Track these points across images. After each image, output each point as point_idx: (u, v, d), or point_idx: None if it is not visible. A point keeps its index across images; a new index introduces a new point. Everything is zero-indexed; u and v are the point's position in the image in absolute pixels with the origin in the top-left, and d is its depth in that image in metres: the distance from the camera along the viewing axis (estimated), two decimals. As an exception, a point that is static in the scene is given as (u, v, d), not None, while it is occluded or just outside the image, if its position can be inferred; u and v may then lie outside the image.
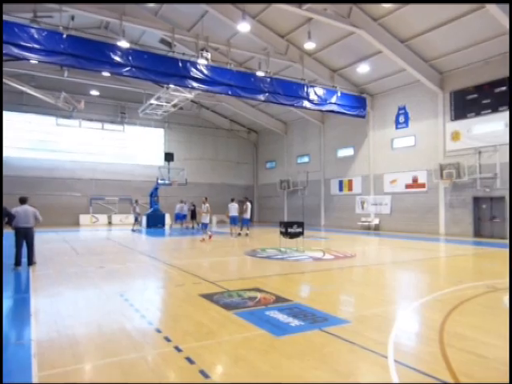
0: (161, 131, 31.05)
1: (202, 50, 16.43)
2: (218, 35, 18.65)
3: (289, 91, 18.64)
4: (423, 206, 20.34)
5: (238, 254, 12.24)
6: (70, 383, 3.35)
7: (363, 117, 21.87)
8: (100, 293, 6.86)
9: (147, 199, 26.53)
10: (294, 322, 4.88)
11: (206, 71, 16.40)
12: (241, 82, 17.25)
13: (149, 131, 30.48)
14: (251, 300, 6.08)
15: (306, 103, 19.21)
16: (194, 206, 24.17)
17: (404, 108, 21.29)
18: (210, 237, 16.32)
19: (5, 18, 13.43)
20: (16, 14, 14.30)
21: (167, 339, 4.34)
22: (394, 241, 16.68)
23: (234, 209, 17.85)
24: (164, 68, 15.67)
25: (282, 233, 12.27)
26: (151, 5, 17.78)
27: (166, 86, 21.13)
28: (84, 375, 3.56)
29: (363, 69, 20.29)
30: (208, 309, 5.65)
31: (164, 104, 24.39)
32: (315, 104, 19.53)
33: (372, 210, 23.31)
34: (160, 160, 29.03)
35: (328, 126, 26.86)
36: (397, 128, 21.77)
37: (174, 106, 24.67)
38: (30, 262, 9.34)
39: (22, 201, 9.23)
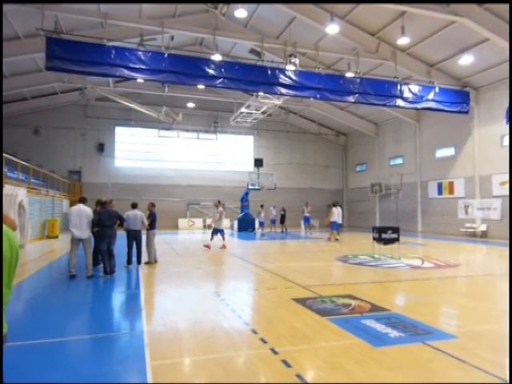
0: (250, 138, 32.09)
1: (290, 56, 16.60)
2: (305, 40, 18.69)
3: (380, 90, 17.83)
4: (544, 211, 17.66)
5: (328, 259, 12.02)
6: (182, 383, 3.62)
7: (466, 113, 19.89)
8: (199, 292, 7.31)
9: (238, 204, 27.58)
10: (393, 333, 4.62)
11: (294, 77, 16.54)
12: (329, 85, 17.02)
13: (239, 138, 31.75)
14: (345, 307, 5.92)
15: (399, 102, 18.17)
16: (284, 210, 24.48)
17: (517, 100, 18.82)
18: (208, 246, 14.56)
19: (117, 44, 15.26)
20: (126, 40, 16.12)
21: (263, 341, 4.44)
22: (506, 250, 14.78)
23: (337, 213, 17.47)
24: (254, 77, 16.21)
25: (375, 239, 11.73)
26: (241, 16, 18.51)
27: (255, 94, 21.81)
28: (190, 368, 3.82)
29: (466, 60, 18.48)
30: (301, 313, 5.65)
31: (253, 112, 25.18)
32: (410, 102, 18.36)
33: (478, 215, 21.00)
34: (250, 166, 29.99)
35: (424, 125, 25.01)
36: (507, 123, 19.32)
37: (263, 113, 25.31)
38: (139, 260, 10.35)
39: (133, 206, 10.30)
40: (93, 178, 27.39)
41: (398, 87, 18.00)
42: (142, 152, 29.37)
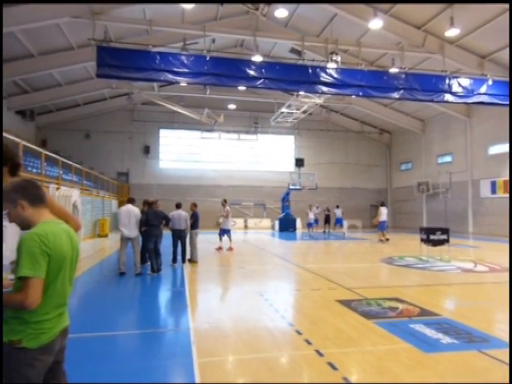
0: (291, 138, 31.96)
1: (332, 53, 16.33)
2: (347, 37, 18.31)
3: (427, 85, 17.05)
4: None
5: (373, 260, 11.70)
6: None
7: (523, 106, 18.55)
8: (242, 291, 7.39)
9: (279, 204, 27.56)
10: (445, 339, 4.41)
11: (335, 75, 16.24)
12: (372, 82, 16.54)
13: (280, 139, 31.72)
14: (392, 310, 5.73)
15: (447, 97, 17.28)
16: (328, 210, 24.19)
17: None
18: (220, 248, 13.97)
19: (162, 49, 15.79)
20: (170, 45, 16.63)
21: (307, 342, 4.41)
22: None
23: (385, 213, 16.97)
24: (294, 76, 16.10)
25: (423, 240, 11.25)
26: (281, 16, 18.48)
27: (296, 93, 21.69)
28: (235, 367, 3.87)
29: (522, 50, 17.24)
30: (346, 315, 5.54)
31: (294, 111, 25.05)
32: (459, 96, 17.40)
33: (538, 215, 19.51)
34: (291, 166, 29.88)
35: (476, 120, 23.64)
36: None
37: (304, 112, 25.11)
38: (184, 259, 10.64)
39: (178, 206, 10.60)
40: (139, 179, 28.52)
41: (447, 81, 17.13)
42: (185, 153, 30.16)
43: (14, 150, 2.84)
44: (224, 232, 14.29)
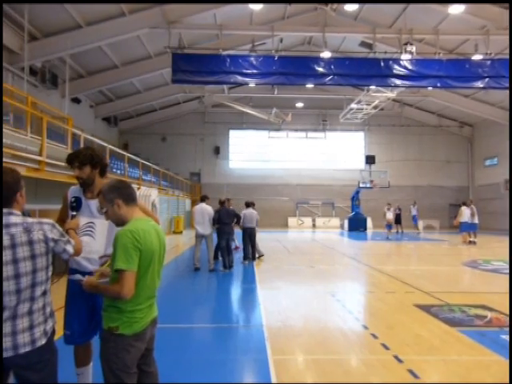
0: (361, 134, 30.90)
1: (406, 44, 15.47)
2: (422, 25, 17.19)
3: (517, 72, 15.41)
4: None
5: (454, 263, 10.88)
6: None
7: None
8: (313, 291, 7.33)
9: (348, 203, 26.83)
10: (545, 355, 3.94)
11: (410, 66, 15.38)
12: (452, 71, 15.36)
13: (349, 136, 30.84)
14: (479, 319, 5.28)
15: (543, 83, 15.44)
16: (399, 209, 22.97)
17: None
18: (237, 248, 12.74)
19: (231, 52, 16.25)
20: (239, 48, 17.05)
21: (384, 346, 4.23)
22: None
23: (467, 214, 15.73)
24: (365, 70, 15.56)
25: (513, 243, 10.19)
26: (351, 10, 17.92)
27: (366, 88, 20.93)
28: (310, 367, 3.84)
29: None
30: (425, 321, 5.23)
31: (364, 107, 24.21)
32: (558, 82, 15.45)
33: None
34: (361, 163, 28.90)
35: None
36: None
37: (375, 107, 24.16)
38: (254, 257, 10.84)
39: (248, 205, 10.84)
40: (210, 178, 29.64)
41: (541, 66, 15.30)
42: (253, 153, 30.69)
43: (103, 153, 3.13)
44: None
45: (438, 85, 15.78)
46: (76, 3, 12.98)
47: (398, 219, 22.99)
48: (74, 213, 2.76)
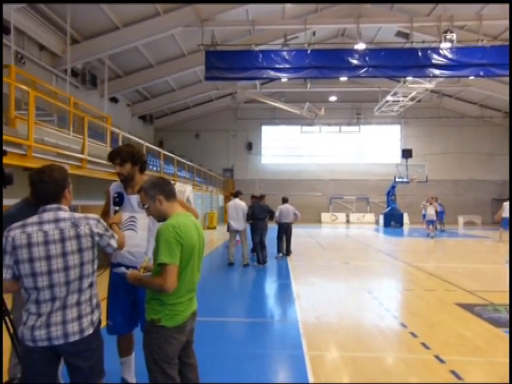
0: (397, 128, 29.98)
1: (446, 32, 14.78)
2: (464, 11, 16.37)
3: None
4: None
5: (497, 261, 10.35)
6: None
7: None
8: (348, 287, 7.23)
9: (384, 198, 26.16)
10: None
11: (450, 55, 14.70)
12: (497, 59, 14.51)
13: (384, 129, 29.99)
14: (528, 320, 5.00)
15: None
16: (440, 204, 22.10)
17: None
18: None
19: (264, 47, 16.19)
20: (271, 43, 16.95)
21: (425, 346, 4.11)
22: None
23: (507, 209, 14.89)
24: (401, 61, 15.04)
25: None
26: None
27: (403, 79, 20.25)
28: (348, 364, 3.79)
29: None
30: (468, 321, 5.03)
31: (400, 99, 23.43)
32: None
33: None
34: (397, 157, 28.04)
35: None
36: None
37: (412, 99, 23.31)
38: (288, 252, 10.83)
39: (284, 200, 10.83)
40: (243, 174, 29.80)
41: None
42: (285, 148, 30.54)
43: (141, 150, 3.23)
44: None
45: (481, 73, 14.99)
46: (109, 3, 13.34)
47: (437, 215, 22.12)
48: (117, 208, 2.86)
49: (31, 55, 13.22)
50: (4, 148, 2.59)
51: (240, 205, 9.44)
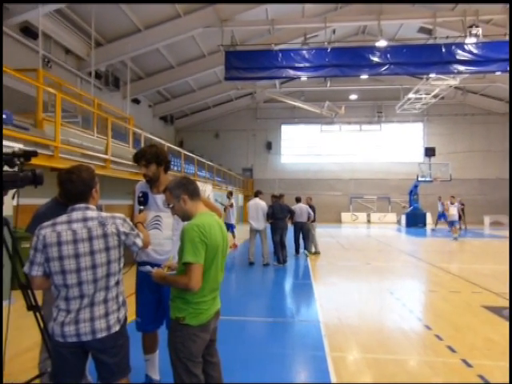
0: (419, 126, 29.36)
1: (471, 26, 14.39)
2: (489, 5, 15.88)
3: None
4: None
5: (527, 263, 9.99)
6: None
7: None
8: (370, 288, 7.12)
9: (406, 197, 25.67)
10: None
11: (475, 50, 14.29)
12: (524, 53, 14.03)
13: (406, 127, 29.42)
14: (560, 324, 4.81)
15: None
16: (462, 204, 21.52)
17: None
18: (236, 246, 12.54)
19: (283, 47, 16.14)
20: (291, 42, 16.89)
21: (450, 349, 4.02)
22: None
23: None
24: (424, 58, 14.70)
25: None
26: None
27: (425, 76, 19.82)
28: (370, 366, 3.74)
29: None
30: (496, 324, 4.88)
31: (423, 96, 22.94)
32: None
33: None
34: (419, 156, 27.52)
35: None
36: None
37: (435, 96, 22.79)
38: (306, 248, 10.86)
39: (297, 200, 10.83)
40: (262, 174, 29.81)
41: None
42: (305, 148, 30.36)
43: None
44: (228, 227, 12.58)
45: (508, 69, 14.51)
46: (131, 3, 13.55)
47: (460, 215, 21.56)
48: (142, 207, 2.92)
49: (57, 59, 13.62)
50: (34, 149, 2.68)
51: (260, 204, 9.45)
